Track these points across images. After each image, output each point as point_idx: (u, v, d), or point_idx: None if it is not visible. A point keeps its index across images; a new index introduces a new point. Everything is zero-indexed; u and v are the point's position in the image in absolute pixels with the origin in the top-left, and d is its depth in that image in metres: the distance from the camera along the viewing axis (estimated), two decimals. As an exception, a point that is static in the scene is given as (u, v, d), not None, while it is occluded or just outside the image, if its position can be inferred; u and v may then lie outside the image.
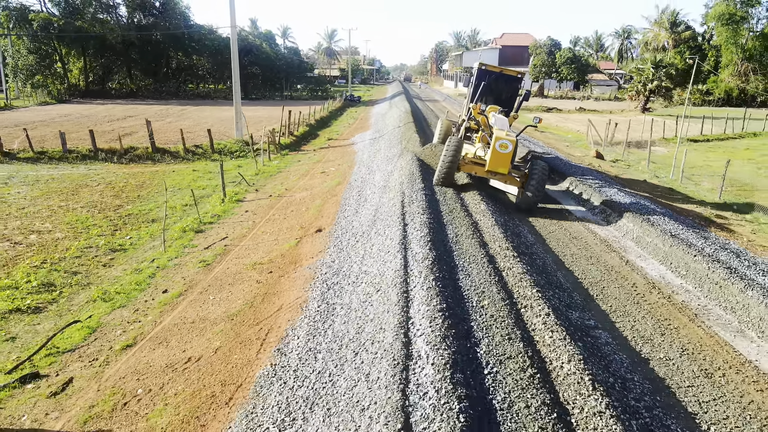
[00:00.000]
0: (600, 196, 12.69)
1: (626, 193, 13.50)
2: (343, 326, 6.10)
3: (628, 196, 13.08)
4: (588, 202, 12.91)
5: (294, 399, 4.97)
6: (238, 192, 16.44)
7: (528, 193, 11.24)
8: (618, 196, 12.58)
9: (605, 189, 13.33)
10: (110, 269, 10.66)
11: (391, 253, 7.59)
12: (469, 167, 11.69)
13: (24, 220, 13.77)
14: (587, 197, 13.17)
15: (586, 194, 13.35)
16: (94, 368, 6.67)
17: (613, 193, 12.87)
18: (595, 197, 12.78)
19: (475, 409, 4.14)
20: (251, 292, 8.19)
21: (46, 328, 8.09)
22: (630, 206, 11.55)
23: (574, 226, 11.16)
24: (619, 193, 13.17)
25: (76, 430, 5.38)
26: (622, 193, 13.21)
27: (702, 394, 5.13)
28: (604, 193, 12.79)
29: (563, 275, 8.08)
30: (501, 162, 11.03)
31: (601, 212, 12.09)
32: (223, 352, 6.41)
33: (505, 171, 11.17)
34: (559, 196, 13.90)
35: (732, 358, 5.89)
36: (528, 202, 11.40)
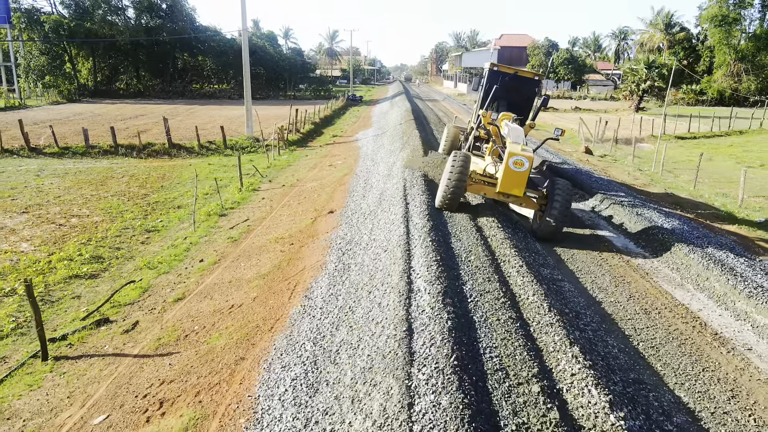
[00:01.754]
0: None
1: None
2: (357, 277, 7.60)
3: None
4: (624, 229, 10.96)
5: (322, 324, 6.47)
6: (253, 182, 17.95)
7: (549, 219, 9.37)
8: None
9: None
10: (148, 246, 12.17)
11: (396, 224, 9.10)
12: (477, 187, 9.89)
13: (63, 206, 15.28)
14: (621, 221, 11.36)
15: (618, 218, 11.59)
16: (153, 314, 8.18)
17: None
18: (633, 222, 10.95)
19: (459, 321, 5.64)
20: (277, 259, 9.70)
21: (104, 289, 9.59)
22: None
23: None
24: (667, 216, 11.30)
25: (150, 352, 6.88)
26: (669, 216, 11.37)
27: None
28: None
29: (548, 252, 9.59)
30: (515, 182, 9.27)
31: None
32: (260, 300, 7.91)
33: (520, 193, 9.42)
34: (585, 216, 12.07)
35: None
36: (549, 230, 9.49)
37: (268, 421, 4.84)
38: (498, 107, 12.29)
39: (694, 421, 4.83)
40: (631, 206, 11.97)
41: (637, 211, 11.45)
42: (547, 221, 9.46)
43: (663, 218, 11.01)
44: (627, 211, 11.52)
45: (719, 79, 64.12)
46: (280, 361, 5.84)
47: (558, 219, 9.35)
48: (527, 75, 12.60)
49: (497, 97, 11.93)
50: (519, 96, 12.53)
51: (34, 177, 18.90)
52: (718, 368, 5.77)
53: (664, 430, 4.50)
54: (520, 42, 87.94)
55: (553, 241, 9.70)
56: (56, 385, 6.42)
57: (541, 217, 9.76)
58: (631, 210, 11.54)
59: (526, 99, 12.70)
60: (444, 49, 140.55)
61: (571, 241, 10.02)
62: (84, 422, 5.54)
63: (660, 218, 10.97)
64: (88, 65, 57.94)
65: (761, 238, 11.86)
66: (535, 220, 10.18)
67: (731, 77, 63.52)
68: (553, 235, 9.63)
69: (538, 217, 10.03)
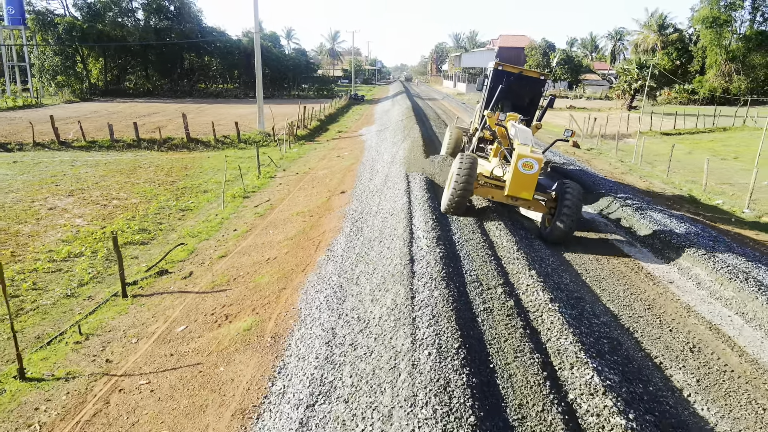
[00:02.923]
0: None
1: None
2: (370, 234, 9.52)
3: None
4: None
5: (344, 264, 8.39)
6: (269, 171, 19.88)
7: (559, 223, 9.19)
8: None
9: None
10: (185, 221, 14.09)
11: (399, 196, 11.01)
12: (484, 190, 9.75)
13: (102, 191, 17.20)
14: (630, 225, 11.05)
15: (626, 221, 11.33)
16: (204, 267, 10.10)
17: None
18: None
19: (448, 254, 7.56)
20: (300, 226, 11.62)
21: (155, 252, 11.51)
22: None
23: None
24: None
25: (208, 290, 8.80)
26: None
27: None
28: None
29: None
30: (524, 185, 9.05)
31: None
32: (291, 254, 9.83)
33: (530, 196, 9.22)
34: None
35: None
36: (559, 234, 9.30)
37: (310, 320, 6.75)
38: (502, 108, 11.89)
39: (615, 319, 6.75)
40: (593, 186, 13.89)
41: (601, 192, 13.35)
42: (557, 225, 9.22)
43: (625, 197, 12.93)
44: (591, 193, 13.40)
45: (711, 78, 65.99)
46: (313, 288, 7.77)
47: (568, 223, 9.14)
48: (532, 75, 12.26)
49: (502, 97, 11.58)
50: (524, 96, 12.25)
51: (69, 167, 20.82)
52: (643, 293, 7.68)
53: (592, 322, 6.41)
54: (518, 42, 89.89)
55: (563, 245, 9.42)
56: (140, 311, 8.34)
57: (551, 220, 9.55)
58: (593, 190, 13.46)
59: (531, 99, 12.37)
60: (444, 50, 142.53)
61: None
62: (169, 330, 7.46)
63: (624, 197, 12.88)
64: (98, 65, 59.91)
65: (710, 213, 13.79)
66: (544, 223, 9.93)
67: (722, 77, 65.40)
68: (564, 239, 9.40)
69: (547, 221, 9.79)
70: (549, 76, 11.58)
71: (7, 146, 24.32)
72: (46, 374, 6.59)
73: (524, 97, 12.29)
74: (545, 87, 12.74)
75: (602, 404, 4.27)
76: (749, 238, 11.58)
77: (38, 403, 5.99)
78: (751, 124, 39.12)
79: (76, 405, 5.86)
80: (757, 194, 16.69)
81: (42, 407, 5.90)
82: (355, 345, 5.55)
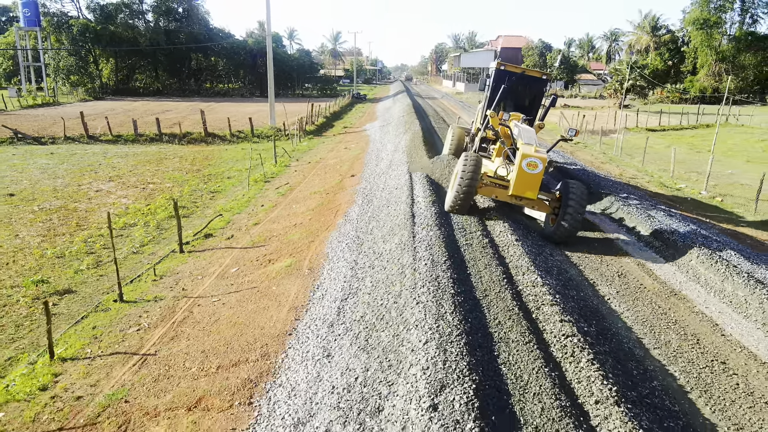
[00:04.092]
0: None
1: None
2: (378, 203, 11.71)
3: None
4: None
5: (359, 224, 10.57)
6: (284, 161, 22.06)
7: (563, 223, 9.30)
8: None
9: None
10: (216, 200, 16.27)
11: (402, 176, 13.19)
12: (488, 190, 9.80)
13: (137, 177, 19.38)
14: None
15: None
16: (242, 231, 12.28)
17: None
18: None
19: (441, 213, 9.74)
20: (319, 201, 13.81)
21: (196, 223, 13.67)
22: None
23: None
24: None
25: (249, 246, 10.98)
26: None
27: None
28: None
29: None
30: (529, 184, 9.10)
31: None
32: (314, 220, 12.02)
33: (534, 196, 9.26)
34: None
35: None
36: (563, 233, 9.40)
37: (336, 258, 8.94)
38: (504, 107, 11.92)
39: (567, 258, 8.93)
40: (572, 174, 16.06)
41: (579, 177, 15.54)
42: (561, 225, 9.31)
43: (599, 181, 15.11)
44: (572, 178, 15.61)
45: (702, 78, 68.17)
46: (336, 240, 9.96)
47: (572, 222, 9.23)
48: (535, 74, 12.32)
49: (504, 97, 11.53)
50: (526, 96, 12.31)
51: (102, 158, 23.01)
52: (592, 243, 9.85)
53: (548, 257, 8.57)
54: (516, 43, 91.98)
55: (567, 245, 9.54)
56: (197, 261, 10.53)
57: (555, 220, 9.63)
58: (572, 176, 15.64)
59: (533, 99, 12.37)
60: (443, 50, 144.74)
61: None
62: (225, 271, 9.64)
63: (598, 181, 15.06)
64: (109, 66, 62.10)
65: (672, 195, 15.98)
66: (548, 223, 10.01)
67: (712, 77, 67.59)
68: (568, 238, 9.49)
69: (551, 221, 9.87)
70: (551, 75, 12.74)
71: (40, 140, 26.50)
72: (138, 299, 8.78)
73: (526, 97, 12.33)
74: (547, 86, 12.64)
75: (540, 291, 6.46)
76: (695, 210, 13.76)
77: (139, 314, 8.17)
78: (733, 121, 41.31)
79: (168, 314, 8.04)
80: (719, 180, 18.88)
81: (143, 316, 8.09)
82: (372, 266, 7.74)
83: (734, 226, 12.64)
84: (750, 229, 12.47)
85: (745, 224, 12.94)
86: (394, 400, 4.32)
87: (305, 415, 4.72)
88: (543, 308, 6.13)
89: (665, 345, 6.15)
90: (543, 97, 12.55)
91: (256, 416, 5.02)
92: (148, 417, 5.43)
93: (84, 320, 8.15)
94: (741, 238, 11.40)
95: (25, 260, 10.96)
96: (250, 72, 68.25)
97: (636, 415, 4.22)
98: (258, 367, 5.92)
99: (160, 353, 6.78)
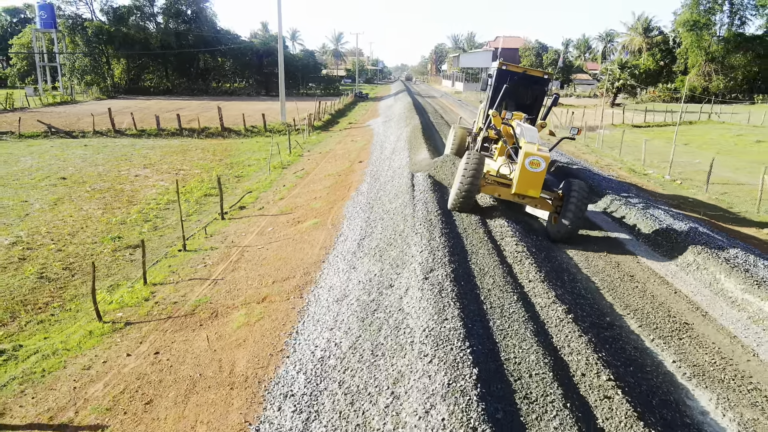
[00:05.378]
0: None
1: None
2: (384, 179, 14.15)
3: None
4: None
5: (369, 195, 13.01)
6: (297, 151, 24.52)
7: (564, 221, 9.45)
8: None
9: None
10: (241, 183, 18.71)
11: (403, 159, 15.63)
12: (491, 188, 9.96)
13: (168, 165, 21.82)
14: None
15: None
16: (270, 204, 14.73)
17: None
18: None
19: (435, 182, 12.19)
20: (333, 181, 16.26)
21: (229, 199, 16.10)
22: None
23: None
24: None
25: (278, 214, 13.42)
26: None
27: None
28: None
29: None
30: (532, 183, 9.25)
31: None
32: (331, 194, 14.46)
33: (537, 194, 9.41)
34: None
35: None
36: (565, 231, 9.55)
37: (352, 217, 11.37)
38: (506, 107, 11.94)
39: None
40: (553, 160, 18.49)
41: (558, 163, 17.94)
42: (562, 223, 9.46)
43: (578, 168, 17.51)
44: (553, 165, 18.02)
45: (692, 78, 70.61)
46: (351, 206, 12.40)
47: (573, 221, 9.33)
48: (536, 74, 12.37)
49: (506, 96, 11.65)
50: (528, 95, 12.43)
51: (131, 149, 25.46)
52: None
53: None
54: (513, 44, 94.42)
55: (569, 243, 9.70)
56: (237, 225, 12.97)
57: (557, 218, 9.79)
58: (553, 162, 18.06)
59: (534, 98, 12.49)
60: (443, 50, 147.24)
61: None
62: (263, 231, 12.09)
63: (577, 169, 17.46)
64: (120, 66, 64.57)
65: (640, 179, 18.43)
66: (550, 221, 10.15)
67: (702, 77, 70.04)
68: (569, 237, 9.61)
69: (553, 219, 10.01)
70: (552, 75, 13.38)
71: (72, 134, 28.96)
72: (198, 249, 11.22)
73: (528, 96, 12.42)
74: (549, 86, 12.62)
75: (505, 229, 8.90)
76: (655, 192, 16.20)
77: (202, 258, 10.62)
78: (715, 118, 43.77)
79: (225, 257, 10.49)
80: (685, 168, 21.30)
81: (206, 258, 10.53)
82: (382, 218, 10.18)
83: (680, 201, 15.08)
84: (694, 205, 14.92)
85: (692, 200, 15.37)
86: (400, 279, 6.75)
87: (342, 296, 7.15)
88: (506, 239, 8.59)
89: (593, 267, 8.57)
90: (545, 97, 12.65)
91: (307, 302, 7.46)
92: (229, 309, 7.87)
93: (159, 263, 10.59)
94: (682, 208, 13.83)
95: (95, 226, 13.41)
96: (256, 72, 70.69)
97: (554, 287, 6.67)
98: (303, 279, 8.37)
99: (225, 278, 9.22)
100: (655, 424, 4.29)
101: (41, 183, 17.68)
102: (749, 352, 5.99)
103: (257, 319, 7.11)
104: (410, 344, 5.03)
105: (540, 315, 6.11)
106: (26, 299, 9.21)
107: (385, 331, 5.56)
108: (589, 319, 6.31)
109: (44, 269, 10.45)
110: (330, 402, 4.76)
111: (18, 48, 66.82)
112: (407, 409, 4.15)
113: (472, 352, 4.74)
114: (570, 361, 5.07)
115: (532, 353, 4.93)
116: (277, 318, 7.04)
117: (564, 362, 5.10)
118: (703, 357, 5.86)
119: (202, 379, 5.91)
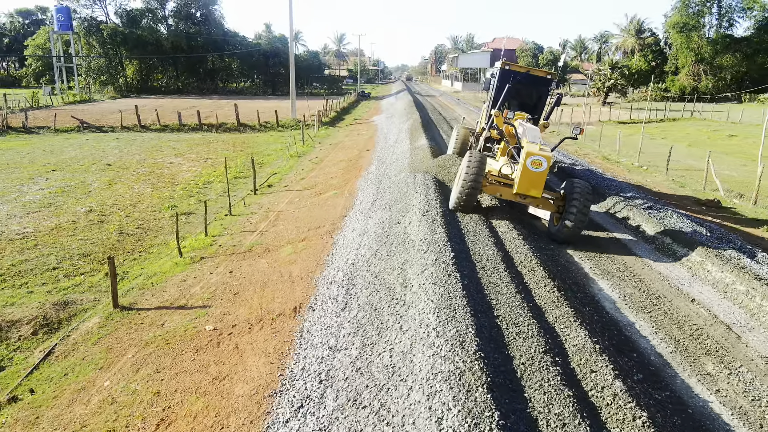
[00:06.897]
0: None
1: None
2: (389, 162, 16.89)
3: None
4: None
5: (377, 173, 15.75)
6: (310, 143, 27.28)
7: (567, 222, 9.34)
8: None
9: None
10: (265, 168, 21.45)
11: (405, 146, 18.39)
12: (492, 188, 9.96)
13: (196, 154, 24.57)
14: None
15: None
16: (293, 183, 17.48)
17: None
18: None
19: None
20: (345, 165, 19.01)
21: (256, 181, 18.85)
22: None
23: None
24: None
25: (302, 189, 16.16)
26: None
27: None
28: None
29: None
30: (533, 183, 9.23)
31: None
32: (344, 174, 17.20)
33: (538, 194, 9.40)
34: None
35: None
36: (567, 232, 9.45)
37: (366, 188, 14.11)
38: (509, 107, 11.97)
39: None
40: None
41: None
42: (565, 224, 9.36)
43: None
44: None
45: (682, 78, 73.38)
46: (364, 180, 15.15)
47: (576, 222, 9.23)
48: (539, 74, 12.26)
49: (509, 96, 11.63)
50: (531, 95, 12.42)
51: (159, 141, 28.21)
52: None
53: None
54: (511, 45, 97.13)
55: (571, 244, 9.62)
56: (269, 197, 15.72)
57: (559, 219, 9.70)
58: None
59: (537, 98, 12.44)
60: (443, 51, 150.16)
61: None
62: (291, 200, 14.83)
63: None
64: (132, 66, 67.38)
65: (613, 166, 21.18)
66: (552, 222, 10.08)
67: (692, 77, 72.79)
68: (572, 238, 9.53)
69: (555, 219, 9.93)
70: (555, 75, 12.65)
71: (102, 128, 31.72)
72: (241, 213, 13.98)
73: (531, 96, 12.40)
74: (552, 86, 12.41)
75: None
76: (621, 175, 18.93)
77: (245, 218, 13.36)
78: (697, 116, 46.54)
79: (264, 218, 13.23)
80: (656, 158, 24.02)
81: (249, 219, 13.28)
82: (390, 188, 12.92)
83: (642, 182, 17.83)
84: (652, 185, 17.66)
85: (651, 182, 18.11)
86: (404, 219, 9.49)
87: (362, 232, 9.89)
88: (485, 197, 11.37)
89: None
90: (548, 97, 12.51)
91: (336, 238, 10.20)
92: (277, 246, 10.62)
93: (211, 223, 13.33)
94: (645, 190, 16.56)
95: (149, 200, 16.15)
96: (262, 72, 73.46)
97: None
98: (332, 227, 11.11)
99: (269, 231, 11.97)
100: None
101: (91, 168, 20.43)
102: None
103: (302, 249, 9.87)
104: (412, 247, 7.78)
105: (498, 232, 8.85)
106: (115, 246, 11.96)
107: (395, 243, 8.31)
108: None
109: (122, 228, 13.21)
110: (362, 280, 7.50)
111: (33, 50, 69.67)
112: (410, 273, 6.93)
113: (452, 248, 7.50)
114: (516, 255, 7.83)
115: (489, 249, 7.72)
116: (316, 247, 9.79)
117: (510, 257, 7.86)
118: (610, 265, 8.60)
119: (270, 281, 8.65)
